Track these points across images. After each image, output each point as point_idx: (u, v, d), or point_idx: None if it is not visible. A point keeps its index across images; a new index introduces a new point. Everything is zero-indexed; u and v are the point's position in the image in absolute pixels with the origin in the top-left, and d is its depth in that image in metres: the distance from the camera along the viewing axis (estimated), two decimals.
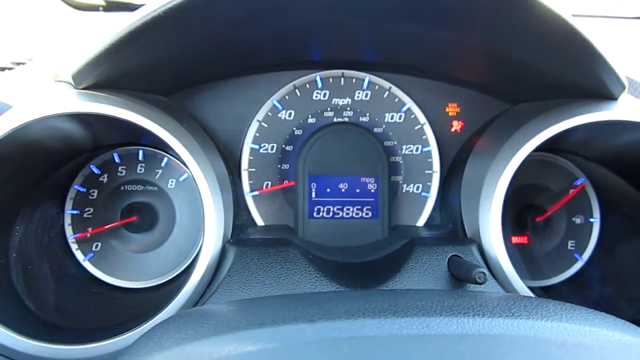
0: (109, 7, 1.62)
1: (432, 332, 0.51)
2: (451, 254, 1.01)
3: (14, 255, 0.99)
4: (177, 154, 0.99)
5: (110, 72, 0.96)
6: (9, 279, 0.95)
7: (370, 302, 0.62)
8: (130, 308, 1.07)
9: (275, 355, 0.49)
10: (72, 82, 0.99)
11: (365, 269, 1.04)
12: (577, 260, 1.27)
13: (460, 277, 0.95)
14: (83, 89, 0.99)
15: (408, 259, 1.00)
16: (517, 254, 1.23)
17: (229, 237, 1.06)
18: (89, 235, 1.18)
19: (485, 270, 0.88)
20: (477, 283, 0.88)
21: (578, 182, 1.27)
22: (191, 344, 0.56)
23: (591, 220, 1.28)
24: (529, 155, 1.02)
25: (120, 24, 0.88)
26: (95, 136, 1.11)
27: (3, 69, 1.30)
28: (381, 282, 0.96)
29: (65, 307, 1.01)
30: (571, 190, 1.27)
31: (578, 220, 1.28)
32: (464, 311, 0.59)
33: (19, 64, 1.32)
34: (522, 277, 1.00)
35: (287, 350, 0.49)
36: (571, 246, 1.28)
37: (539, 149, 1.02)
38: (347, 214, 1.22)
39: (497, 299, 0.66)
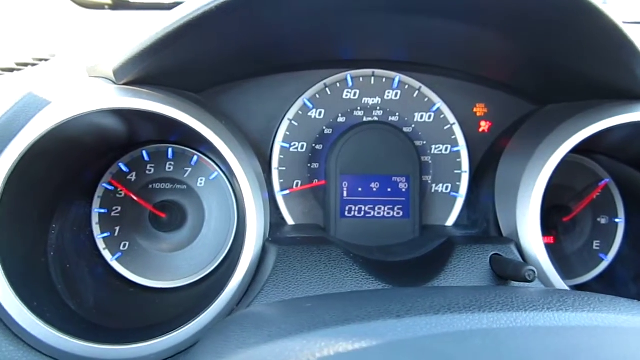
0: (115, 6, 1.61)
1: (534, 325, 0.51)
2: (492, 253, 1.01)
3: (52, 254, 0.97)
4: (213, 152, 0.98)
5: (151, 68, 0.95)
6: (50, 278, 0.93)
7: (448, 298, 0.62)
8: (169, 307, 1.05)
9: (388, 350, 0.48)
10: (112, 78, 0.97)
11: (408, 267, 1.04)
12: (602, 260, 1.29)
13: (506, 275, 0.95)
14: (122, 84, 0.97)
15: (450, 258, 1.00)
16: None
17: (267, 235, 1.04)
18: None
19: (534, 268, 0.89)
20: (526, 281, 0.88)
21: (602, 182, 1.29)
22: (280, 340, 0.55)
23: (616, 220, 1.30)
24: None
25: (166, 19, 0.86)
26: (130, 133, 1.09)
27: (25, 65, 1.27)
28: (427, 281, 0.96)
29: (104, 307, 0.99)
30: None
31: (603, 221, 1.30)
32: (547, 306, 0.59)
33: (41, 60, 1.29)
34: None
35: (397, 345, 0.48)
36: (596, 246, 1.30)
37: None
38: (379, 213, 1.22)
39: (567, 294, 0.67)
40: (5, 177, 0.83)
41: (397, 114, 1.28)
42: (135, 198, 1.16)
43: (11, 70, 1.25)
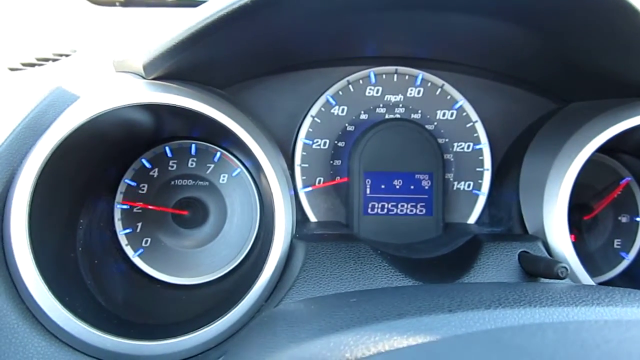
0: (126, 3, 1.62)
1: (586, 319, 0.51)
2: (520, 250, 1.01)
3: (80, 249, 0.96)
4: (239, 148, 0.97)
5: (181, 63, 0.94)
6: (79, 274, 0.92)
7: (495, 293, 0.62)
8: (195, 304, 1.05)
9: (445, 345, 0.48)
10: (141, 73, 0.97)
11: (436, 264, 1.04)
12: (623, 258, 1.29)
13: (537, 272, 0.95)
14: (151, 79, 0.97)
15: (479, 255, 0.99)
16: None
17: (294, 232, 1.04)
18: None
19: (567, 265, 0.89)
20: (558, 278, 0.88)
21: (624, 181, 1.29)
22: (333, 335, 0.54)
23: (637, 219, 1.29)
24: None
25: (199, 15, 0.86)
26: (155, 128, 1.09)
27: (46, 60, 1.27)
28: (456, 278, 0.96)
29: (132, 303, 0.98)
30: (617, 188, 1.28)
31: (624, 219, 1.30)
32: (597, 301, 0.59)
33: (61, 55, 1.29)
34: None
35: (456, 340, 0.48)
36: (617, 245, 1.30)
37: None
38: (402, 210, 1.21)
39: (612, 290, 0.66)
40: (38, 172, 0.83)
41: (420, 111, 1.28)
42: (151, 207, 1.16)
43: (32, 65, 1.25)
